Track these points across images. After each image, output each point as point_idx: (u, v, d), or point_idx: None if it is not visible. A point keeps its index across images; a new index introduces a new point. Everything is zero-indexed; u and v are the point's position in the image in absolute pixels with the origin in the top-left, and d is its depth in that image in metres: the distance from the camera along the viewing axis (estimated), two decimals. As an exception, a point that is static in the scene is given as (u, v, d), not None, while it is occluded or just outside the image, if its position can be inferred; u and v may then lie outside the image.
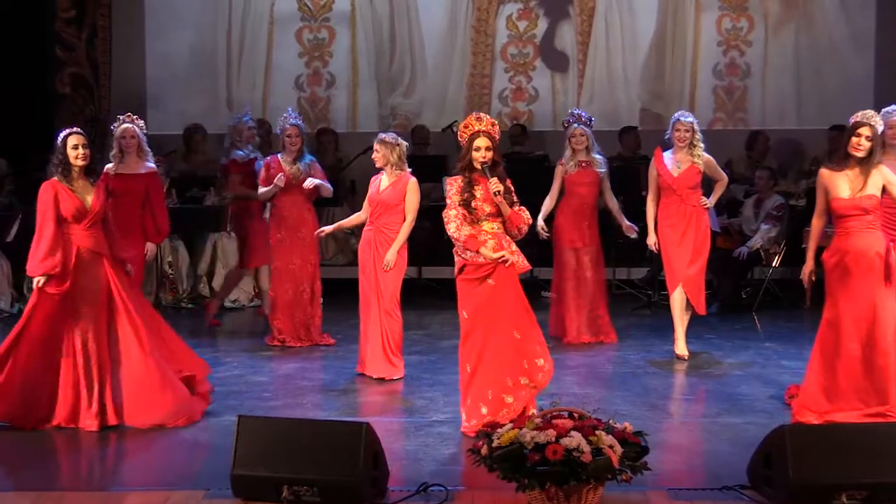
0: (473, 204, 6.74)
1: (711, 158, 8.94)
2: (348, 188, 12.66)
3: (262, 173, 9.51)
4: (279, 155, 9.41)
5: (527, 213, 6.80)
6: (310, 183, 9.24)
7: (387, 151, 8.32)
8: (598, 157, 9.38)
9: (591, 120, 9.42)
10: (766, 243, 11.23)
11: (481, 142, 6.73)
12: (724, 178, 9.12)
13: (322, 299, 9.53)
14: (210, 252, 11.71)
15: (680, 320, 8.89)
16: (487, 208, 6.74)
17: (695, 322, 9.15)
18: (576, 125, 9.31)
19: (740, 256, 11.05)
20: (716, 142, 10.05)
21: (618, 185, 9.70)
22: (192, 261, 11.68)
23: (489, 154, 6.71)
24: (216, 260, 11.68)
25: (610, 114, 12.84)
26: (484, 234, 6.75)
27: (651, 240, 8.95)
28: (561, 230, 9.47)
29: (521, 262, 6.80)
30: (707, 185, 9.15)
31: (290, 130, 9.34)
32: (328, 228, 8.85)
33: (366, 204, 8.51)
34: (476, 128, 6.76)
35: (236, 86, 13.30)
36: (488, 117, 6.83)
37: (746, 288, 11.44)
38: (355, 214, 8.78)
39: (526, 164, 11.61)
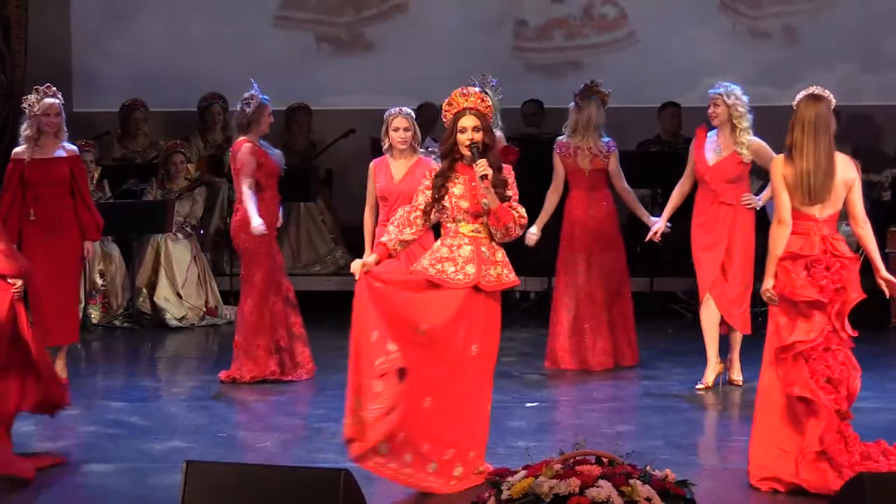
0: (446, 200, 6.76)
1: (763, 144, 8.83)
2: (323, 179, 12.66)
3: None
4: (261, 141, 9.39)
5: (521, 211, 6.75)
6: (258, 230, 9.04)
7: (415, 130, 8.40)
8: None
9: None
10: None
11: (468, 121, 6.74)
12: None
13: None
14: (151, 259, 11.71)
15: (711, 339, 8.96)
16: (465, 204, 6.76)
17: (749, 343, 9.14)
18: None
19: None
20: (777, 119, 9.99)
21: (658, 174, 9.72)
22: (128, 269, 11.68)
23: (478, 135, 6.74)
24: (159, 268, 11.66)
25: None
26: (461, 238, 6.77)
27: (657, 225, 8.97)
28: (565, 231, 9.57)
29: (504, 276, 6.81)
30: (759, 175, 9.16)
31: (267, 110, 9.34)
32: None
33: (371, 199, 8.51)
34: (462, 105, 6.79)
35: (186, 51, 13.27)
36: (477, 92, 6.85)
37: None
38: (369, 223, 8.57)
39: (543, 148, 11.60)
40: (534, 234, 9.31)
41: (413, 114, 8.53)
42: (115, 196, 11.58)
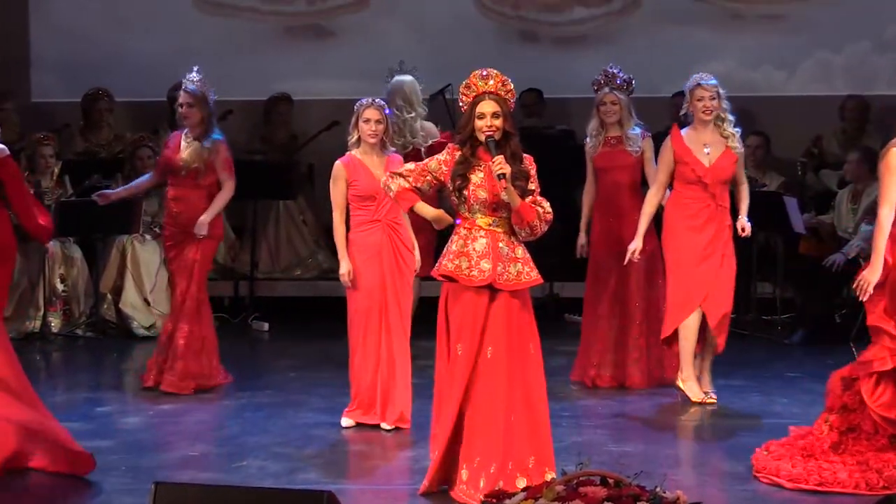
0: (466, 190, 6.72)
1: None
2: (304, 174, 12.64)
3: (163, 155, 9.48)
4: (185, 132, 9.35)
5: (546, 206, 6.75)
6: (200, 229, 9.25)
7: (387, 124, 8.36)
8: (634, 132, 9.41)
9: (629, 82, 9.42)
10: (868, 249, 11.21)
11: (487, 106, 6.69)
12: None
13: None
14: (117, 262, 11.68)
15: (689, 354, 8.92)
16: (483, 195, 6.72)
17: (773, 356, 9.13)
18: (607, 89, 9.37)
19: (833, 267, 11.07)
20: (805, 109, 10.02)
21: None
22: (91, 273, 11.66)
23: (497, 122, 6.70)
24: (125, 272, 11.64)
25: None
26: (476, 230, 6.74)
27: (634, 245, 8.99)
28: (594, 233, 9.53)
29: (528, 275, 6.76)
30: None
31: (182, 98, 9.26)
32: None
33: (342, 202, 8.38)
34: (481, 88, 6.75)
35: (153, 38, 13.27)
36: (498, 74, 6.78)
37: (841, 309, 11.42)
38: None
39: (543, 141, 11.61)
40: (584, 247, 9.47)
41: (386, 106, 8.46)
42: (77, 193, 11.54)
